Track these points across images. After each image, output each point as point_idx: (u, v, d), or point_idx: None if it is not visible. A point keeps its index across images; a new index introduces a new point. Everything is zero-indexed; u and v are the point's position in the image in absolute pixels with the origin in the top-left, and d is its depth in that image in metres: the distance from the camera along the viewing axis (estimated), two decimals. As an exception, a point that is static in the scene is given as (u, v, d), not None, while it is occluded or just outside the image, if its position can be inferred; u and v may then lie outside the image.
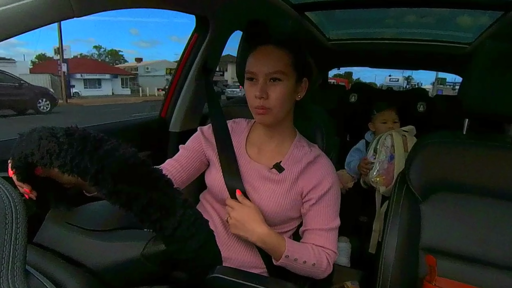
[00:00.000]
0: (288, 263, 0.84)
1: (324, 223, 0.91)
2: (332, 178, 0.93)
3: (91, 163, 0.43)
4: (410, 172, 0.98)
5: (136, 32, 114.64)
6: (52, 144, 0.45)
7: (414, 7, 1.70)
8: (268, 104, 0.86)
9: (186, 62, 1.42)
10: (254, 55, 0.88)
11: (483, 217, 0.90)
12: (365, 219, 1.93)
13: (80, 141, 0.44)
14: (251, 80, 0.88)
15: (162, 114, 1.51)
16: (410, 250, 0.95)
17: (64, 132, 0.46)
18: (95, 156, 0.43)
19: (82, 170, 0.43)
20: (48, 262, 0.47)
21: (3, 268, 0.34)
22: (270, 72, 0.85)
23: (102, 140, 0.45)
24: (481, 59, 0.90)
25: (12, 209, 0.36)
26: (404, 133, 1.74)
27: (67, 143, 0.44)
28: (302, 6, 1.67)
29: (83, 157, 0.43)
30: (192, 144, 1.02)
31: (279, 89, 0.86)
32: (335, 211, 0.93)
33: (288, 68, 0.86)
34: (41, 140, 0.47)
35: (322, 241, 0.90)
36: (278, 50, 0.86)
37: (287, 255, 0.83)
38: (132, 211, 0.43)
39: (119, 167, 0.43)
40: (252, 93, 0.87)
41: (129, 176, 0.43)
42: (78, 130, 0.46)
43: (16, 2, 0.59)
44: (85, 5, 0.72)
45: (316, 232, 0.91)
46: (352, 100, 2.67)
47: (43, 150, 0.46)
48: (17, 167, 0.55)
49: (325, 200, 0.91)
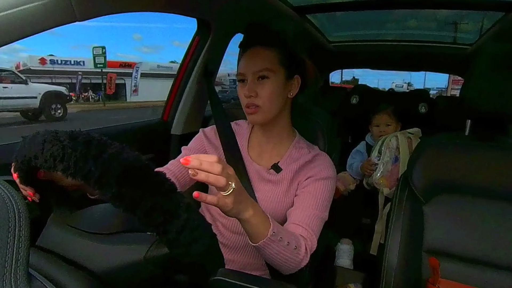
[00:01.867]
0: (271, 243, 0.72)
1: (311, 208, 0.87)
2: (329, 173, 0.92)
3: (95, 167, 0.43)
4: (413, 173, 0.97)
5: (139, 37, 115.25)
6: (56, 148, 0.45)
7: (415, 8, 1.70)
8: (257, 102, 0.87)
9: (188, 65, 1.43)
10: (243, 57, 0.90)
11: (487, 218, 0.89)
12: (368, 221, 1.93)
13: (84, 144, 0.44)
14: (242, 81, 0.90)
15: (164, 117, 1.52)
16: (413, 252, 0.94)
17: (68, 136, 0.46)
18: (99, 160, 0.43)
19: (85, 174, 0.43)
20: (51, 265, 0.47)
21: (6, 271, 0.34)
22: (257, 70, 0.87)
23: (106, 143, 0.45)
24: (483, 60, 0.90)
25: (15, 212, 0.36)
26: (410, 135, 1.74)
27: (71, 146, 0.44)
28: (303, 8, 1.68)
29: (87, 160, 0.43)
30: (195, 145, 1.03)
31: (267, 86, 0.87)
32: (325, 204, 0.89)
33: (275, 65, 0.87)
34: (44, 143, 0.47)
35: (305, 224, 0.85)
36: (265, 50, 0.88)
37: (274, 231, 0.71)
38: (136, 215, 0.43)
39: (123, 171, 0.43)
40: (242, 93, 0.89)
41: (133, 180, 0.43)
42: (82, 134, 0.46)
43: (18, 6, 0.59)
44: (87, 9, 0.72)
45: (299, 215, 0.86)
46: (353, 102, 2.67)
47: (47, 153, 0.46)
48: (20, 170, 0.55)
49: (317, 187, 0.89)
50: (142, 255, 0.49)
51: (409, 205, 0.97)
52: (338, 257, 1.70)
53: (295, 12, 1.64)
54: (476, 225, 0.90)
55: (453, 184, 0.94)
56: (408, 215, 0.96)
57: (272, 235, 0.71)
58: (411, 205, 0.97)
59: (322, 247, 1.42)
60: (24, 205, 0.38)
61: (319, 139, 1.07)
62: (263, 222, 0.71)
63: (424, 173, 0.96)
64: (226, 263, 0.95)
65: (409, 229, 0.95)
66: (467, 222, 0.91)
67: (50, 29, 0.67)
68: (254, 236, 0.71)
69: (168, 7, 1.03)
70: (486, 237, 0.88)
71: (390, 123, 1.94)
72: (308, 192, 0.89)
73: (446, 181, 0.94)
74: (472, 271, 0.89)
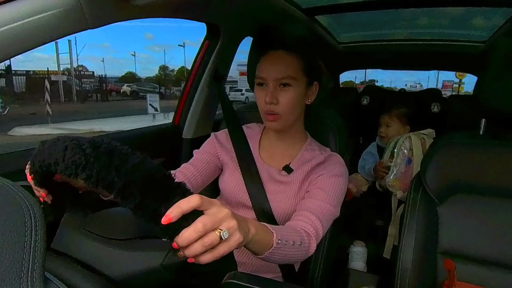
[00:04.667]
0: (276, 250, 0.67)
1: (321, 200, 0.84)
2: (341, 171, 0.91)
3: (119, 178, 0.43)
4: (426, 174, 0.96)
5: (150, 36, 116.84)
6: (78, 156, 0.45)
7: (426, 7, 1.68)
8: (278, 110, 0.86)
9: (198, 69, 1.44)
10: (264, 60, 0.88)
11: (503, 219, 0.87)
12: (381, 223, 1.90)
13: (107, 155, 0.45)
14: (261, 85, 0.89)
15: (175, 121, 1.53)
16: (428, 254, 0.93)
17: (90, 144, 0.46)
18: (122, 170, 0.43)
19: (108, 184, 0.43)
20: (66, 268, 0.48)
21: (23, 274, 0.35)
22: (280, 77, 0.85)
23: (128, 153, 0.46)
24: (496, 57, 0.88)
25: (32, 217, 0.37)
26: (423, 136, 1.71)
27: (94, 156, 0.44)
28: (312, 10, 1.67)
29: (110, 171, 0.43)
30: (207, 149, 1.04)
31: (289, 95, 0.86)
32: (336, 200, 0.86)
33: (298, 73, 0.86)
34: (66, 150, 0.47)
35: (312, 211, 0.81)
36: (288, 55, 0.86)
37: (279, 240, 0.66)
38: (158, 225, 0.43)
39: (146, 182, 0.43)
40: (262, 98, 0.88)
41: (155, 191, 0.44)
42: (104, 143, 0.47)
43: (32, 16, 0.61)
44: (99, 17, 0.74)
45: (308, 204, 0.84)
46: (364, 103, 2.65)
47: (68, 161, 0.46)
48: (36, 173, 0.55)
49: (328, 183, 0.87)
50: (159, 261, 0.49)
51: (423, 206, 0.96)
52: (351, 260, 1.68)
53: (304, 14, 1.63)
54: (492, 226, 0.88)
55: (468, 184, 0.92)
56: (422, 216, 0.95)
57: (277, 243, 0.66)
58: (425, 206, 0.96)
59: (335, 250, 1.41)
60: (40, 210, 0.38)
61: (330, 141, 1.06)
62: (265, 234, 0.65)
63: (438, 173, 0.95)
64: (238, 265, 0.95)
65: (423, 231, 0.94)
66: (483, 223, 0.89)
67: (64, 36, 0.69)
68: (259, 251, 0.65)
69: (178, 12, 1.04)
70: (503, 238, 0.86)
71: (390, 124, 1.92)
72: (319, 188, 0.87)
73: (461, 181, 0.92)
74: (489, 273, 0.87)
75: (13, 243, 0.35)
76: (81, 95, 22.26)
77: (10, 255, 0.35)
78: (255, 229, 0.58)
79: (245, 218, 0.57)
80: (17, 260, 0.35)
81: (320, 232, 0.80)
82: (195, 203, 0.44)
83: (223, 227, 0.47)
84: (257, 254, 0.66)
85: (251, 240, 0.58)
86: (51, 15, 0.63)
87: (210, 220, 0.45)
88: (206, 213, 0.46)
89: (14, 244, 0.35)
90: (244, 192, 0.96)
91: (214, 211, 0.47)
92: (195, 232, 0.44)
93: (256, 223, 0.61)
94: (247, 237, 0.55)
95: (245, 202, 0.96)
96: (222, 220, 0.48)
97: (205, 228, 0.44)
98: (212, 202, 0.48)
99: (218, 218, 0.47)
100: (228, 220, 0.48)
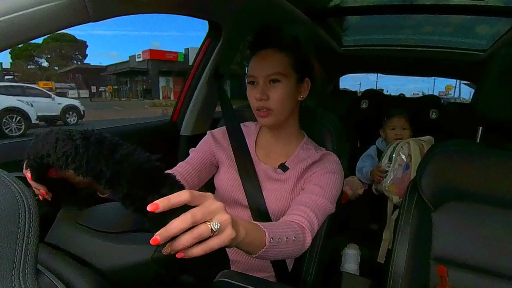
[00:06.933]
0: (270, 248, 0.65)
1: (316, 195, 0.84)
2: (337, 168, 0.91)
3: (107, 167, 0.43)
4: (422, 180, 0.96)
5: (157, 45, 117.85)
6: (69, 147, 0.46)
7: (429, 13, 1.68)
8: (269, 105, 0.88)
9: (199, 67, 1.44)
10: (254, 59, 0.90)
11: (496, 227, 0.87)
12: (376, 227, 1.90)
13: (96, 145, 0.45)
14: (252, 83, 0.91)
15: (173, 118, 1.53)
16: (421, 259, 0.93)
17: (81, 135, 0.47)
18: (110, 160, 0.44)
19: (97, 173, 0.44)
20: (59, 261, 0.48)
21: (15, 266, 0.35)
22: (269, 74, 0.87)
23: (117, 144, 0.46)
24: (496, 66, 0.89)
25: (25, 208, 0.37)
26: (422, 143, 1.71)
27: (83, 146, 0.45)
28: (315, 12, 1.67)
29: (98, 161, 0.44)
30: (203, 147, 1.04)
31: (279, 90, 0.87)
32: (331, 196, 0.86)
33: (288, 69, 0.88)
34: (57, 141, 0.48)
35: (307, 204, 0.81)
36: (276, 53, 0.88)
37: (271, 238, 0.65)
38: (146, 216, 0.43)
39: (134, 172, 0.43)
40: (253, 95, 0.89)
41: (143, 181, 0.44)
42: (94, 134, 0.47)
43: (33, 7, 0.61)
44: (101, 10, 0.73)
45: (302, 198, 0.84)
46: (363, 107, 2.66)
47: (60, 152, 0.47)
48: (32, 167, 0.56)
49: (324, 179, 0.87)
50: (150, 255, 0.49)
51: (418, 212, 0.96)
52: (344, 262, 1.68)
53: (306, 16, 1.63)
54: (486, 233, 0.88)
55: (463, 192, 0.92)
56: (416, 222, 0.95)
57: (270, 242, 0.65)
58: (419, 212, 0.96)
59: (329, 252, 1.41)
60: (34, 201, 0.38)
61: (327, 143, 1.06)
62: (257, 234, 0.63)
63: (433, 180, 0.95)
64: (231, 263, 0.95)
65: (417, 236, 0.94)
66: (477, 230, 0.89)
67: (64, 28, 0.68)
68: (252, 251, 0.64)
69: (180, 9, 1.04)
70: (496, 246, 0.87)
71: (406, 127, 1.91)
72: (314, 184, 0.88)
73: (456, 188, 0.93)
74: (481, 281, 0.87)
75: (6, 233, 0.35)
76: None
77: (3, 245, 0.34)
78: (245, 231, 0.56)
79: (236, 219, 0.54)
80: (9, 250, 0.35)
81: (315, 225, 0.79)
82: (185, 197, 0.43)
83: (215, 220, 0.46)
84: (250, 254, 0.65)
85: (241, 241, 0.56)
86: (52, 6, 0.63)
87: (201, 212, 0.44)
88: (198, 206, 0.45)
89: (7, 234, 0.35)
90: (240, 190, 0.96)
91: (207, 203, 0.46)
92: (183, 222, 0.42)
93: (246, 225, 0.59)
94: (238, 237, 0.53)
95: (240, 200, 0.96)
96: (214, 212, 0.46)
97: (194, 219, 0.43)
98: (205, 196, 0.47)
99: (210, 209, 0.46)
100: (221, 213, 0.47)
